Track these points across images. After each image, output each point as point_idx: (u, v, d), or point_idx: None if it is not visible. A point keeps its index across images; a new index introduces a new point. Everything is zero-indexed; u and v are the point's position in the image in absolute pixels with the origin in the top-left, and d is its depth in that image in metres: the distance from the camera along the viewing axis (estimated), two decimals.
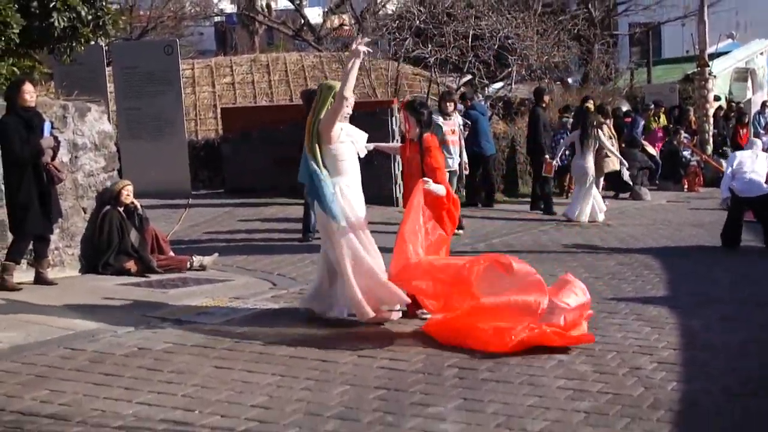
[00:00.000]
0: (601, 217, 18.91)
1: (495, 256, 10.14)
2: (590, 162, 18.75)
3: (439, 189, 10.26)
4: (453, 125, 16.91)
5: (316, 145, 10.03)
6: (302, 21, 47.68)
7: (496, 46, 26.07)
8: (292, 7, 49.84)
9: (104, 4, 13.11)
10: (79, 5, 12.51)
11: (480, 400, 7.64)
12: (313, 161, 9.99)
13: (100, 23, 12.97)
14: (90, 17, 12.75)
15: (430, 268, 9.98)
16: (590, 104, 20.15)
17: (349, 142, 10.18)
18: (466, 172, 17.69)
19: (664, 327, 10.16)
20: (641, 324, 10.27)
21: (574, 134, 19.33)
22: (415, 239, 10.12)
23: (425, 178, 10.21)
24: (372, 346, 9.30)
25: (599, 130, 19.48)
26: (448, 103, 16.93)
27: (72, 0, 12.39)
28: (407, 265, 9.98)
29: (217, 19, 62.20)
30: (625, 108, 29.19)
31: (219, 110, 26.04)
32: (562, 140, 21.03)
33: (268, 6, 55.60)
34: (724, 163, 22.72)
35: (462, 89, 24.38)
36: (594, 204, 18.95)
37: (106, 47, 20.21)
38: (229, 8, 61.21)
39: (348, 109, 10.16)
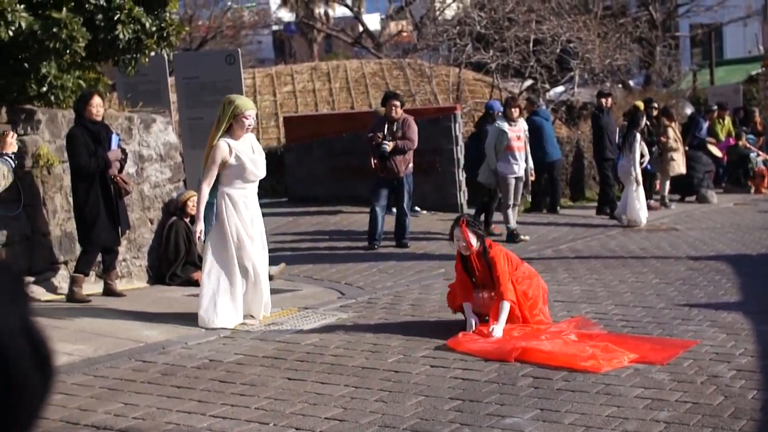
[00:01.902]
0: (643, 221, 18.55)
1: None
2: (636, 163, 18.42)
3: (505, 309, 10.01)
4: (518, 131, 16.77)
5: None
6: (361, 28, 47.71)
7: (557, 50, 25.91)
8: (350, 14, 49.93)
9: (168, 15, 13.11)
10: (144, 17, 12.53)
11: (557, 410, 7.52)
12: None
13: (164, 34, 12.97)
14: (154, 29, 12.76)
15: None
16: (639, 103, 19.89)
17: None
18: (532, 179, 17.53)
19: (739, 333, 9.96)
20: (716, 331, 10.08)
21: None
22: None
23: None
24: (444, 356, 9.21)
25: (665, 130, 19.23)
26: (513, 109, 16.79)
27: (136, 12, 12.41)
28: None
29: (275, 27, 62.46)
30: (688, 110, 28.92)
31: (281, 119, 26.06)
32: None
33: (327, 14, 55.80)
34: None
35: (525, 94, 24.23)
36: (642, 207, 18.60)
37: (169, 58, 20.27)
38: (288, 17, 61.44)
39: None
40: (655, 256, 15.14)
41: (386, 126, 16.12)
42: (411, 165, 16.39)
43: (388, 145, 15.91)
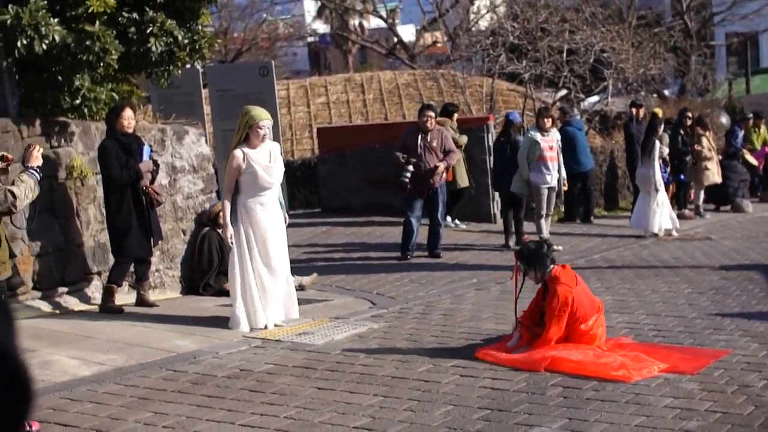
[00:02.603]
0: (655, 230, 18.34)
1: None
2: (655, 170, 18.25)
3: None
4: (551, 141, 16.74)
5: None
6: (395, 39, 47.79)
7: (591, 60, 25.87)
8: (384, 25, 50.01)
9: (200, 27, 13.19)
10: (176, 30, 12.61)
11: (585, 419, 7.52)
12: None
13: (197, 47, 13.05)
14: (186, 41, 12.84)
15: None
16: (657, 110, 19.77)
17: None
18: (565, 188, 17.49)
19: None
20: (748, 340, 10.03)
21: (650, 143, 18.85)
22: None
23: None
24: (474, 366, 9.21)
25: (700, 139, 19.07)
26: (545, 119, 16.76)
27: (169, 25, 12.49)
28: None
29: (310, 39, 62.63)
30: (724, 119, 28.77)
31: (314, 130, 26.14)
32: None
33: (361, 25, 55.94)
34: None
35: (558, 104, 24.19)
36: (658, 215, 18.36)
37: (202, 70, 20.38)
38: (323, 28, 61.63)
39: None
40: (689, 266, 15.07)
41: (420, 137, 16.09)
42: (445, 176, 16.36)
43: (407, 177, 15.83)
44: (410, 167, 15.83)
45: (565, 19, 26.61)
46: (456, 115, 19.39)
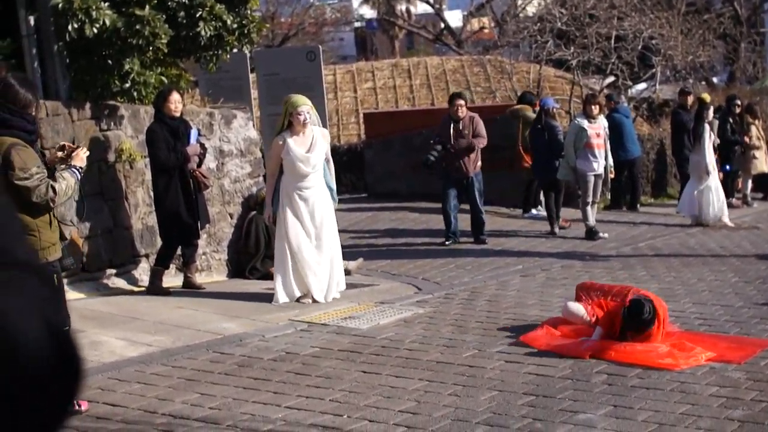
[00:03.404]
0: (711, 219, 18.13)
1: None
2: (707, 156, 18.00)
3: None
4: (598, 128, 16.66)
5: None
6: (442, 25, 47.71)
7: (639, 47, 25.71)
8: (431, 11, 49.94)
9: (249, 12, 13.25)
10: (225, 14, 12.68)
11: (630, 407, 7.52)
12: None
13: (245, 31, 13.11)
14: (235, 25, 12.90)
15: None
16: (705, 95, 19.57)
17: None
18: (612, 176, 17.40)
19: None
20: None
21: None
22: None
23: None
24: (519, 352, 9.23)
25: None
26: (593, 106, 16.68)
27: (218, 9, 12.56)
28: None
29: (357, 24, 62.63)
30: None
31: (361, 115, 26.17)
32: None
33: (408, 11, 55.85)
34: None
35: (606, 91, 24.07)
36: (713, 204, 18.11)
37: (250, 54, 20.44)
38: (369, 13, 61.58)
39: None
40: (735, 255, 14.98)
41: (452, 125, 16.10)
42: (479, 163, 16.34)
43: (433, 156, 15.92)
44: (438, 146, 15.94)
45: (614, 6, 26.42)
46: (536, 104, 19.30)
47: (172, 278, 12.59)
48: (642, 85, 28.56)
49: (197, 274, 12.75)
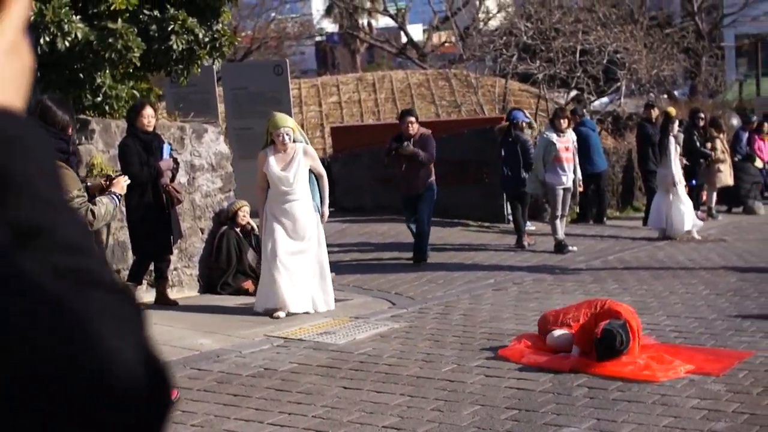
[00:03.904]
0: (688, 227, 18.16)
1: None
2: (673, 169, 18.07)
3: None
4: (567, 142, 16.72)
5: None
6: (404, 39, 47.82)
7: (605, 61, 25.86)
8: (393, 24, 50.04)
9: (221, 25, 13.21)
10: (197, 27, 12.63)
11: (613, 420, 7.54)
12: None
13: (217, 45, 13.08)
14: (207, 39, 12.87)
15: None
16: (671, 109, 19.71)
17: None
18: (581, 190, 17.48)
19: None
20: None
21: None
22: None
23: None
24: (498, 366, 9.23)
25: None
26: (562, 120, 16.74)
27: (190, 23, 12.52)
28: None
29: (318, 38, 62.64)
30: (735, 121, 28.73)
31: (326, 129, 26.17)
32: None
33: (370, 24, 55.92)
34: None
35: (570, 105, 24.16)
36: (680, 217, 18.15)
37: (217, 68, 20.40)
38: (331, 27, 61.64)
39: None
40: (705, 267, 15.05)
41: (404, 143, 15.87)
42: (432, 179, 15.82)
43: (405, 149, 15.46)
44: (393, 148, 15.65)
45: (579, 20, 26.60)
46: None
47: (145, 294, 12.51)
48: (604, 99, 28.68)
49: (169, 289, 12.68)
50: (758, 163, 25.21)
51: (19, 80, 1.17)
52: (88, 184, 8.54)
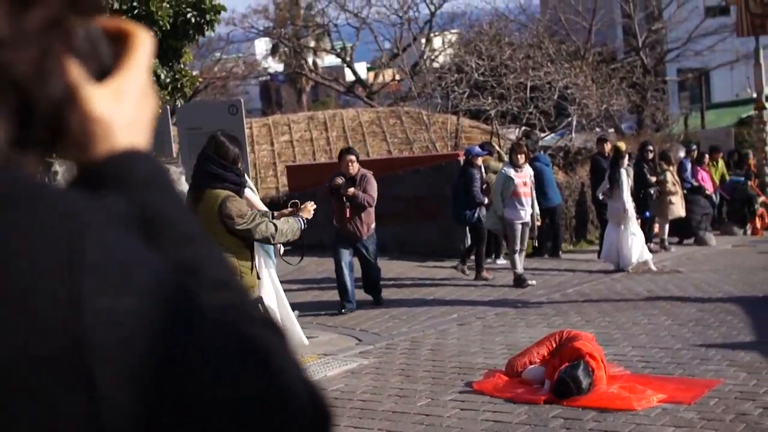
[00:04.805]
0: (634, 261, 18.39)
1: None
2: (625, 202, 18.31)
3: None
4: (525, 177, 16.89)
5: None
6: (350, 77, 48.04)
7: (555, 96, 26.14)
8: (337, 63, 50.27)
9: (182, 66, 13.28)
10: (159, 68, 12.70)
11: None
12: None
13: (179, 85, 13.14)
14: (168, 80, 12.93)
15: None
16: (621, 144, 19.98)
17: None
18: (539, 224, 17.68)
19: (760, 372, 10.07)
20: (736, 370, 10.19)
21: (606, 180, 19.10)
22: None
23: None
24: (472, 399, 9.30)
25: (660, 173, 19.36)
26: (519, 155, 16.92)
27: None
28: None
29: (262, 78, 62.79)
30: (681, 154, 29.12)
31: (279, 168, 26.20)
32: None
33: (315, 63, 56.12)
34: None
35: (524, 141, 24.34)
36: (635, 246, 18.35)
37: (171, 108, 20.42)
38: (275, 66, 61.79)
39: None
40: (664, 298, 15.23)
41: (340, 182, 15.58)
42: (373, 225, 15.50)
43: (342, 186, 15.15)
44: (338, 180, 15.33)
45: (529, 56, 26.88)
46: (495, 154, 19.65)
47: None
48: (550, 135, 28.87)
49: None
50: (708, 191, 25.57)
51: (149, 123, 1.23)
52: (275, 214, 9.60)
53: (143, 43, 1.22)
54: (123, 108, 1.17)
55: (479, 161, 18.07)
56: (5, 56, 1.03)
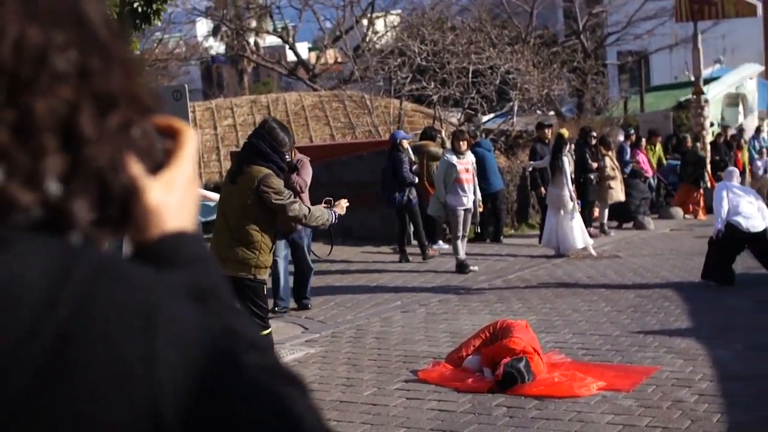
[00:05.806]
0: (580, 246, 18.74)
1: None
2: (565, 189, 18.61)
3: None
4: (467, 163, 17.09)
5: None
6: (290, 56, 47.93)
7: (497, 81, 26.35)
8: (278, 43, 50.12)
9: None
10: None
11: None
12: None
13: None
14: None
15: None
16: (564, 131, 20.26)
17: None
18: (481, 210, 17.93)
19: (696, 359, 10.36)
20: (673, 357, 10.47)
21: (544, 160, 19.48)
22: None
23: None
24: (418, 389, 9.51)
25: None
26: (461, 142, 17.12)
27: None
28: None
29: (203, 58, 62.38)
30: (621, 138, 29.49)
31: (222, 152, 26.22)
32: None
33: (257, 44, 55.91)
34: None
35: (464, 126, 24.53)
36: (572, 233, 18.65)
37: None
38: (216, 47, 61.42)
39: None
40: (603, 284, 15.49)
41: None
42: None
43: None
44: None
45: (471, 41, 27.06)
46: (438, 139, 19.81)
47: None
48: (487, 118, 29.03)
49: None
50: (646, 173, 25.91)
51: (194, 207, 1.42)
52: None
53: (190, 140, 1.42)
54: (173, 197, 1.36)
55: (405, 144, 18.28)
56: (93, 152, 1.22)
